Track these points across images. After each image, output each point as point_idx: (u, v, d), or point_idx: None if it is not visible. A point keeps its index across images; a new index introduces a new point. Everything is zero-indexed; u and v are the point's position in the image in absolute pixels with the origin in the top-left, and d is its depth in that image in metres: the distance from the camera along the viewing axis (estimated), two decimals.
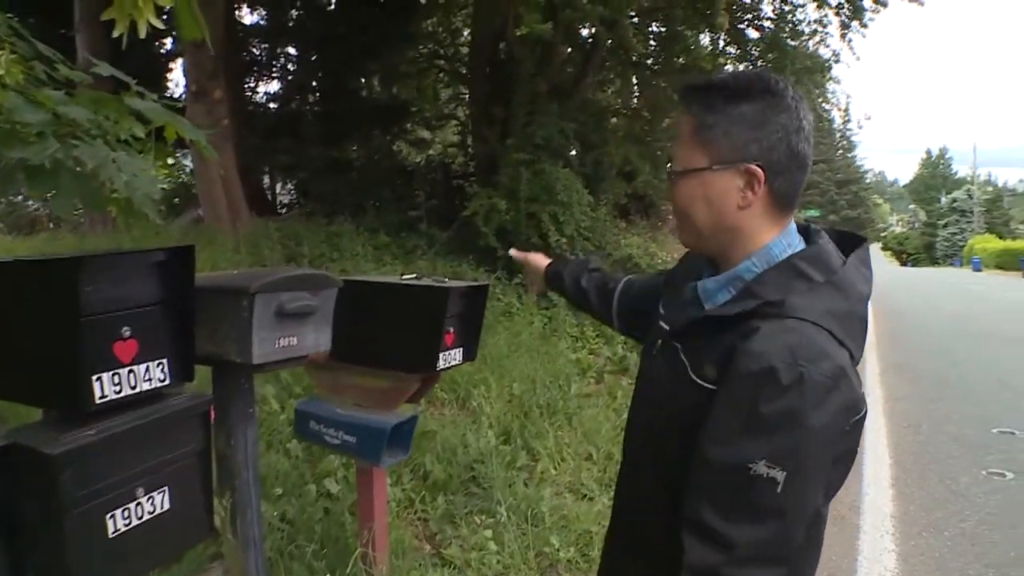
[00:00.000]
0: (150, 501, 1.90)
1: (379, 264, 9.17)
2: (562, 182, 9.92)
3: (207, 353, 2.26)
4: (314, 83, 15.78)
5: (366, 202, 12.13)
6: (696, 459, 1.25)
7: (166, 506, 1.94)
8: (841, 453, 1.26)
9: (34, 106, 2.35)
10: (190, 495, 2.03)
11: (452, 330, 3.00)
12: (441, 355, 2.94)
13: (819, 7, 12.10)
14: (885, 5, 11.49)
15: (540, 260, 2.31)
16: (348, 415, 3.01)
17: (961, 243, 59.80)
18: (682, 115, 1.40)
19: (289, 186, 16.56)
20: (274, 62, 16.72)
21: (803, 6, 12.35)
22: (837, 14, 11.99)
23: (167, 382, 1.89)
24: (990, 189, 74.48)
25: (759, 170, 1.29)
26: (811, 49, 13.06)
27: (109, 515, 1.79)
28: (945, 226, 65.12)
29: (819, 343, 1.20)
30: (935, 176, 78.38)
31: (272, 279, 2.15)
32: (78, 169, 2.35)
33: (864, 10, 11.64)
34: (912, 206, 75.16)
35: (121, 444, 1.80)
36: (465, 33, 14.74)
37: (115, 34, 2.46)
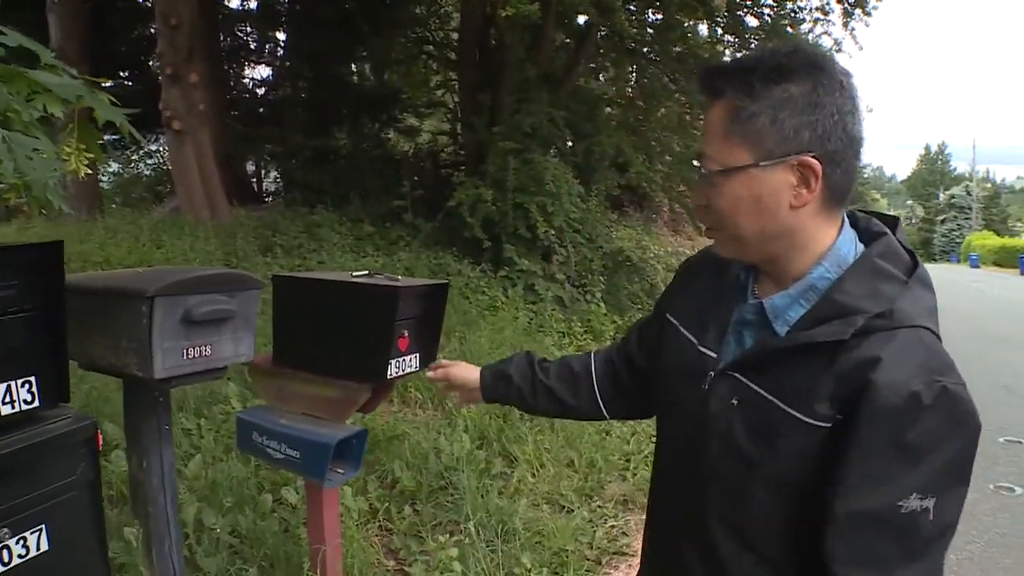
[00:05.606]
0: (20, 543, 1.60)
1: (359, 255, 8.88)
2: (551, 172, 9.62)
3: (110, 365, 1.96)
4: (302, 70, 15.46)
5: (351, 191, 11.84)
6: (826, 519, 1.09)
7: (43, 548, 1.65)
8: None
9: None
10: (76, 534, 1.73)
11: (406, 334, 2.69)
12: (392, 362, 2.63)
13: None
14: None
15: (464, 369, 1.88)
16: (290, 427, 2.69)
17: (958, 240, 59.85)
18: (711, 105, 1.17)
19: (275, 175, 16.26)
20: (264, 47, 16.45)
21: None
22: (839, 1, 11.65)
23: (35, 404, 1.59)
24: (988, 186, 74.17)
25: (815, 162, 1.10)
26: (812, 38, 12.71)
27: None
28: (943, 222, 65.05)
29: (940, 350, 1.10)
30: (933, 172, 77.81)
31: (176, 280, 1.84)
32: None
33: None
34: (910, 202, 74.79)
35: None
36: (455, 17, 14.38)
37: None
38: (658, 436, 1.47)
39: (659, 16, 11.91)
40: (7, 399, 1.53)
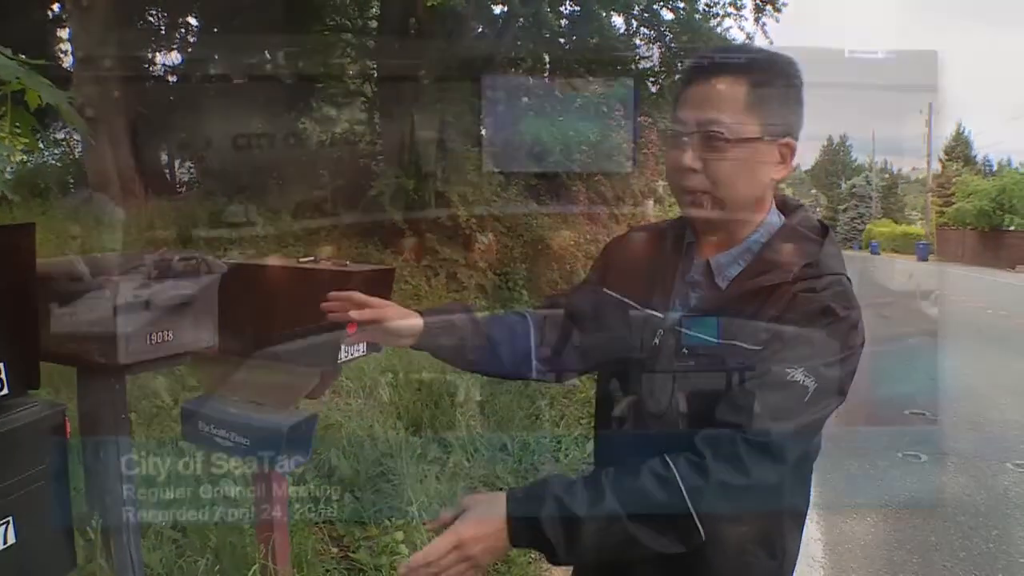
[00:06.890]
0: None
1: (281, 246, 8.76)
2: (472, 161, 9.66)
3: (68, 352, 1.93)
4: (216, 56, 15.02)
5: (268, 182, 11.63)
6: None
7: (11, 541, 1.62)
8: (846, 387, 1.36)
9: None
10: (43, 525, 1.70)
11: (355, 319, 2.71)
12: (343, 347, 2.65)
13: None
14: None
15: (399, 312, 1.61)
16: (239, 415, 2.68)
17: (860, 227, 61.95)
18: (724, 81, 1.36)
19: (189, 165, 15.79)
20: (175, 33, 15.92)
21: None
22: None
23: (4, 391, 1.56)
24: (887, 176, 76.95)
25: (794, 144, 1.38)
26: (723, 32, 13.03)
27: None
28: (845, 211, 67.11)
29: (851, 291, 1.35)
30: (836, 163, 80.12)
31: (140, 264, 1.83)
32: None
33: None
34: (814, 191, 76.88)
35: None
36: (375, 5, 14.18)
37: None
38: (602, 401, 1.59)
39: (577, 8, 12.03)
40: None
